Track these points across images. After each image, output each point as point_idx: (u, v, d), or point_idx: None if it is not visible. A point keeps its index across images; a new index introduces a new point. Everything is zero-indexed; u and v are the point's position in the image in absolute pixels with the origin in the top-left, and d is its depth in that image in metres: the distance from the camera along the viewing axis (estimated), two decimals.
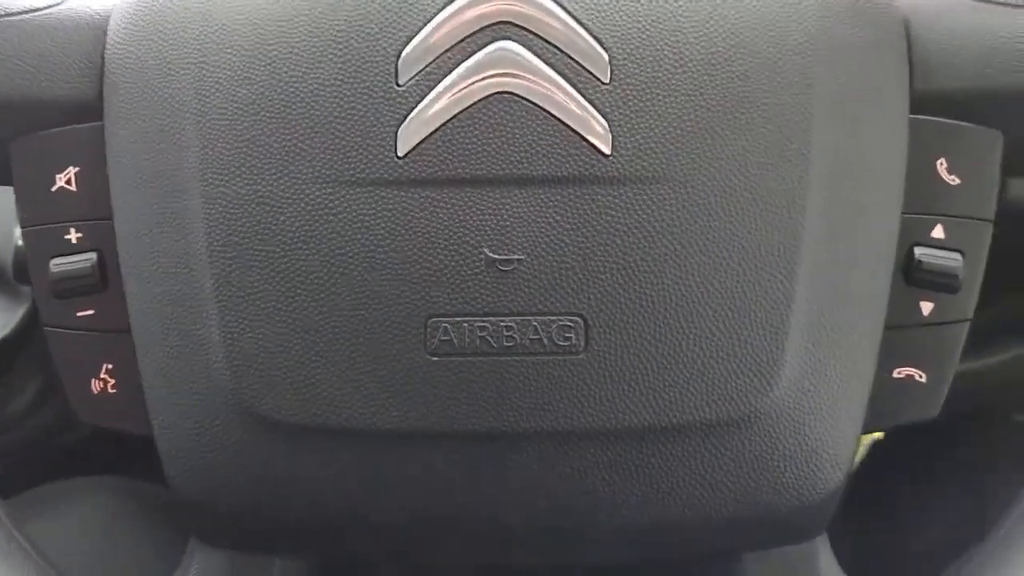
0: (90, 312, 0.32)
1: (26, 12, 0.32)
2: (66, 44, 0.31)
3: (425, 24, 0.29)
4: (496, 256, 0.29)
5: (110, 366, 0.32)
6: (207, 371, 0.29)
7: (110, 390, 0.32)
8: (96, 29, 0.32)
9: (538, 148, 0.29)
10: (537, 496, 0.30)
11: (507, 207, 0.29)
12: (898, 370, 0.32)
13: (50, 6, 0.32)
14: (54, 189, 0.31)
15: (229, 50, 0.30)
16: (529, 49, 0.29)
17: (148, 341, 0.30)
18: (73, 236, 0.31)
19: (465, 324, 0.29)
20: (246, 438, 0.30)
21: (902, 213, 0.31)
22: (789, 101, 0.29)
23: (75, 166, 0.31)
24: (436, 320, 0.29)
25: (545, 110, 0.29)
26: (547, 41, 0.29)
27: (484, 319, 0.29)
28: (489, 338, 0.29)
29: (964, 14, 0.32)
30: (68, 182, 0.31)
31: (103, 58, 0.31)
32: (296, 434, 0.29)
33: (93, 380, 0.32)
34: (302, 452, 0.30)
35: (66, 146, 0.31)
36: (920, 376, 0.32)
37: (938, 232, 0.32)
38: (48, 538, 0.43)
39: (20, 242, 0.50)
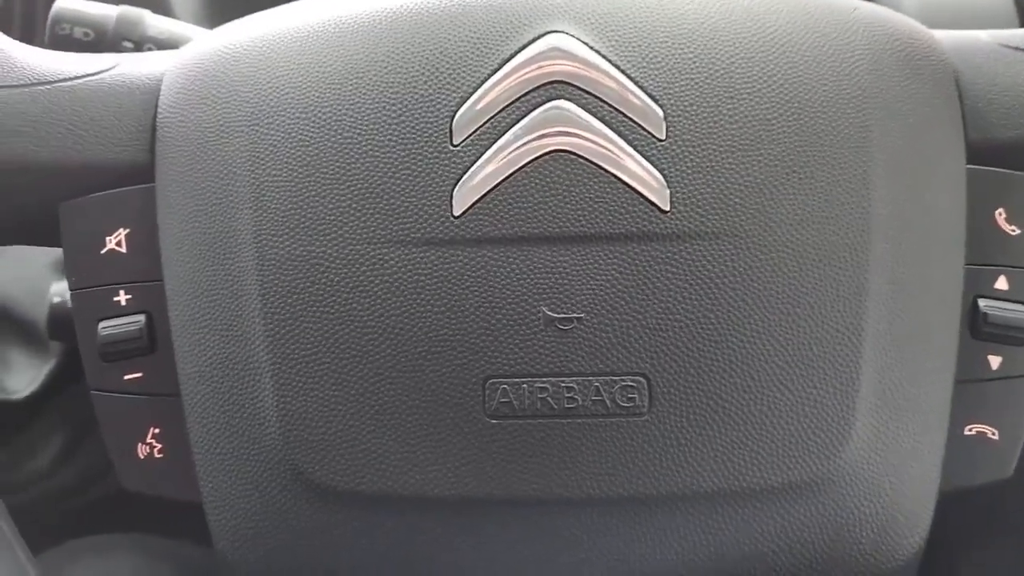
0: (138, 375, 0.31)
1: (79, 77, 0.32)
2: (118, 109, 0.31)
3: (479, 85, 0.29)
4: (555, 315, 0.28)
5: (157, 430, 0.31)
6: (259, 435, 0.29)
7: (156, 455, 0.31)
8: (148, 93, 0.32)
9: (595, 206, 0.28)
10: (601, 563, 0.29)
11: (565, 265, 0.28)
12: (969, 427, 0.31)
13: (102, 71, 0.32)
14: (104, 251, 0.31)
15: (282, 112, 0.30)
16: (583, 108, 0.29)
17: (198, 405, 0.30)
18: (122, 298, 0.31)
19: (525, 385, 0.28)
20: (299, 505, 0.29)
21: (964, 264, 0.30)
22: (847, 155, 0.29)
23: (125, 228, 0.31)
24: (495, 381, 0.28)
25: (602, 167, 0.28)
26: (601, 99, 0.29)
27: (544, 380, 0.28)
28: (550, 400, 0.28)
29: (1012, 65, 0.32)
30: (118, 244, 0.31)
31: (155, 121, 0.31)
32: (351, 501, 0.29)
33: (139, 444, 0.31)
34: (356, 520, 0.29)
35: (117, 208, 0.31)
36: (992, 433, 0.31)
37: (1001, 283, 0.31)
38: None
39: (55, 299, 0.50)
